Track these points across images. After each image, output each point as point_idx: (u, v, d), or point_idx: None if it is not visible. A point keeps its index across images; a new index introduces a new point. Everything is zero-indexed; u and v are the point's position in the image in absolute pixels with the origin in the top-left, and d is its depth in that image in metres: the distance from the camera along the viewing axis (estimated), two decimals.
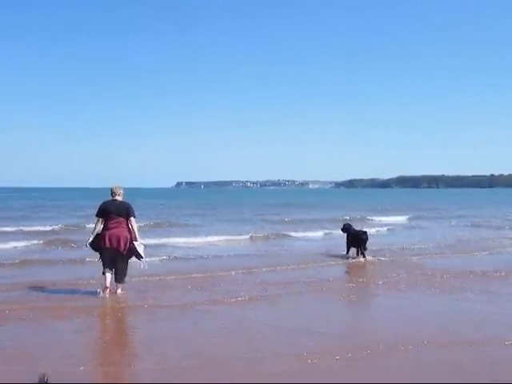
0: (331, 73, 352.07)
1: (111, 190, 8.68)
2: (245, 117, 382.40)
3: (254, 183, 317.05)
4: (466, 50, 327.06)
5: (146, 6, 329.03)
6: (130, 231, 8.52)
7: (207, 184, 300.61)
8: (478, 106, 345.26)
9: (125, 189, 8.79)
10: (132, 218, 8.51)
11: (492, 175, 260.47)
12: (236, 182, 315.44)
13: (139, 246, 8.56)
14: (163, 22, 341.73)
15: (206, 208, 42.33)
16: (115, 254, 8.45)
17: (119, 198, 8.65)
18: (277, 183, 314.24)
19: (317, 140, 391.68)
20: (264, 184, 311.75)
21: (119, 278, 8.57)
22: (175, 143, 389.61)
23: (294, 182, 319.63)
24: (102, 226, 8.55)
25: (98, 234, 8.54)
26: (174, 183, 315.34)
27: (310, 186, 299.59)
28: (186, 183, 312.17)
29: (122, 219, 8.48)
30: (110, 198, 8.64)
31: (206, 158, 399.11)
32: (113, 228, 8.43)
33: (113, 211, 8.47)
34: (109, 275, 8.47)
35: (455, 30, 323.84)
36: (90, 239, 8.57)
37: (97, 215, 8.59)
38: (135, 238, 8.51)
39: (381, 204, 51.50)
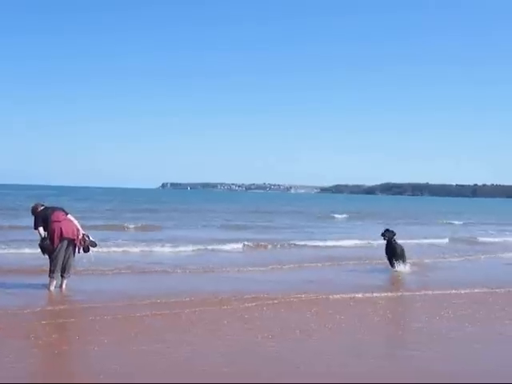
0: (326, 79, 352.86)
1: (37, 204, 9.23)
2: (231, 120, 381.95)
3: (239, 186, 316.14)
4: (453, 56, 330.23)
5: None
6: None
7: (193, 185, 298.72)
8: (463, 117, 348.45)
9: (111, 188, 9.06)
10: (69, 215, 9.20)
11: (475, 185, 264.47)
12: (221, 184, 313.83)
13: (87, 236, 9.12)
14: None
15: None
16: (69, 245, 8.90)
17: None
18: (262, 187, 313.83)
19: (303, 145, 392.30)
20: (249, 187, 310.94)
21: (68, 271, 8.99)
22: (160, 144, 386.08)
23: (279, 186, 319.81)
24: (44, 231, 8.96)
25: (43, 238, 8.91)
26: (159, 184, 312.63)
27: (292, 191, 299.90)
28: (171, 184, 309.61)
29: (64, 213, 9.14)
30: (41, 207, 9.18)
31: (190, 160, 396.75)
32: (62, 220, 8.95)
33: (53, 210, 9.09)
34: (56, 280, 8.94)
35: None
36: (42, 238, 8.88)
37: (38, 226, 8.98)
38: (80, 228, 9.12)
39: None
